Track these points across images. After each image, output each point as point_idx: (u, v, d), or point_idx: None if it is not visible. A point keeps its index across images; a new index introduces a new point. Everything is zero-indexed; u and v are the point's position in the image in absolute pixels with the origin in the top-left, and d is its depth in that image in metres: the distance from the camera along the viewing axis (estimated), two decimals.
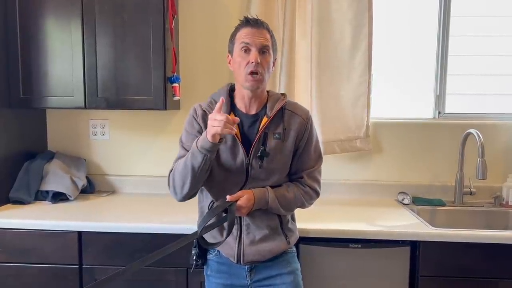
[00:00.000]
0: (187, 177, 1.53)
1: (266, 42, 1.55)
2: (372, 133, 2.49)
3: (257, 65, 1.51)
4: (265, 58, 1.55)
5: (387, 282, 1.94)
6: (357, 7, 2.37)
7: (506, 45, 2.53)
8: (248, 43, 1.53)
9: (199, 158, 1.48)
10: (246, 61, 1.53)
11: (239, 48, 1.55)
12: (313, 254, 1.93)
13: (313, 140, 1.68)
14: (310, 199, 1.69)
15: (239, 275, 1.65)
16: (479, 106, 2.57)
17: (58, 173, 2.37)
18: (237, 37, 1.57)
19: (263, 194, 1.58)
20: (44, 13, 2.21)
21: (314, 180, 1.69)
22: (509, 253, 1.88)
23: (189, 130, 1.64)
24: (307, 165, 1.67)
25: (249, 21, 1.56)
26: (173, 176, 1.59)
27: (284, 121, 1.61)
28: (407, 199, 2.39)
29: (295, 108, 1.66)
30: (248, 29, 1.55)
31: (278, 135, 1.60)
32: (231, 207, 1.53)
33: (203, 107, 1.64)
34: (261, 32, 1.55)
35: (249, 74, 1.53)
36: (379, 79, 2.56)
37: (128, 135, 2.60)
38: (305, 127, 1.64)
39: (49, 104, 2.27)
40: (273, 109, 1.59)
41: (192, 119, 1.64)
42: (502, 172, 2.46)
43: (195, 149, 1.49)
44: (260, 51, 1.53)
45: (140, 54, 2.21)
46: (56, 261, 1.99)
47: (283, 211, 1.63)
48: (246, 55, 1.54)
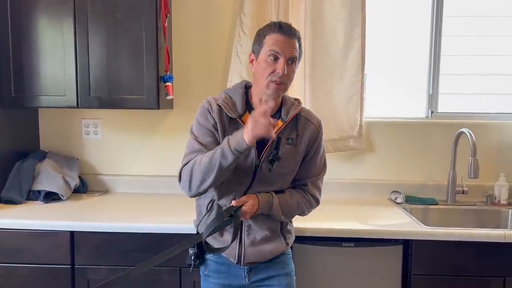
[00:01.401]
0: (209, 175, 1.47)
1: (295, 53, 1.52)
2: (365, 132, 2.50)
3: (283, 76, 1.50)
4: (291, 68, 1.53)
5: (380, 280, 1.94)
6: (350, 7, 2.37)
7: (499, 45, 2.54)
8: (278, 52, 1.49)
9: (229, 158, 1.43)
10: (272, 69, 1.50)
11: (267, 54, 1.51)
12: (307, 253, 1.93)
13: (321, 149, 1.68)
14: (310, 207, 1.69)
15: (238, 276, 1.65)
16: (471, 105, 2.58)
17: (50, 172, 2.35)
18: (266, 40, 1.52)
19: (267, 200, 1.57)
20: (36, 12, 2.20)
21: (317, 189, 1.69)
22: (500, 251, 1.90)
23: (202, 123, 1.58)
24: (312, 173, 1.68)
25: (281, 28, 1.51)
26: (191, 172, 1.51)
27: (298, 127, 1.61)
28: (400, 198, 2.39)
29: (309, 116, 1.66)
30: (280, 36, 1.50)
31: (291, 140, 1.59)
32: (236, 212, 1.52)
33: (219, 102, 1.58)
34: (292, 42, 1.51)
35: (273, 82, 1.51)
36: (372, 79, 2.57)
37: (121, 134, 2.59)
38: (317, 136, 1.65)
39: (41, 103, 2.26)
40: (289, 114, 1.59)
41: (207, 112, 1.58)
42: (494, 171, 2.47)
43: (227, 149, 1.43)
44: (287, 61, 1.50)
45: (132, 53, 2.20)
46: (48, 261, 1.98)
47: (283, 218, 1.63)
48: (273, 62, 1.50)
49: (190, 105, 1.67)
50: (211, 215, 1.62)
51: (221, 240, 1.60)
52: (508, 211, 2.34)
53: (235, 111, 1.57)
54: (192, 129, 1.61)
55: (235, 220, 1.50)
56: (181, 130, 1.65)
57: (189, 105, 1.71)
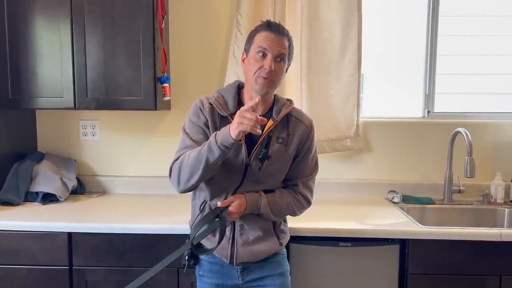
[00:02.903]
0: (196, 170, 1.48)
1: (283, 51, 1.54)
2: (362, 132, 2.51)
3: (270, 72, 1.51)
4: (280, 66, 1.54)
5: (377, 280, 1.95)
6: (347, 7, 2.38)
7: (495, 45, 2.55)
8: (266, 48, 1.52)
9: (216, 153, 1.44)
10: (260, 65, 1.52)
11: (256, 51, 1.53)
12: (303, 253, 1.94)
13: (312, 149, 1.69)
14: (302, 207, 1.70)
15: (231, 275, 1.66)
16: (467, 105, 2.59)
17: (48, 174, 2.36)
18: (256, 39, 1.55)
19: (255, 200, 1.58)
20: (33, 13, 2.20)
21: (308, 189, 1.70)
22: (497, 250, 1.90)
23: (194, 121, 1.61)
24: (303, 173, 1.68)
25: (270, 26, 1.54)
26: (180, 167, 1.52)
27: (289, 127, 1.62)
28: (397, 198, 2.40)
29: (300, 116, 1.66)
30: (268, 33, 1.53)
31: (281, 140, 1.60)
32: (222, 213, 1.54)
33: (211, 100, 1.60)
34: (281, 39, 1.54)
35: (260, 77, 1.52)
36: (369, 79, 2.58)
37: (118, 135, 2.59)
38: (308, 136, 1.65)
39: (38, 104, 2.26)
40: (280, 114, 1.59)
41: (198, 110, 1.60)
42: (490, 170, 2.48)
43: (214, 144, 1.43)
44: (275, 58, 1.52)
45: (130, 54, 2.20)
46: (46, 262, 1.98)
47: (273, 217, 1.64)
48: (261, 59, 1.52)
49: (188, 106, 1.67)
50: (203, 216, 1.62)
51: (213, 240, 1.60)
52: (504, 210, 2.35)
53: (227, 109, 1.59)
54: (185, 127, 1.63)
55: (221, 221, 1.53)
56: (179, 131, 1.65)
57: (187, 106, 1.71)
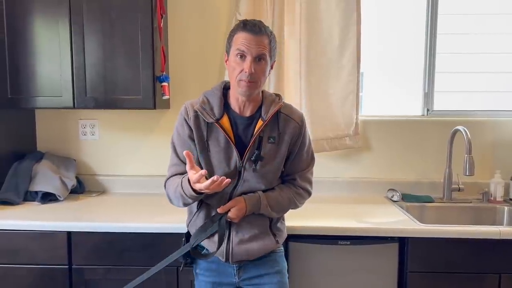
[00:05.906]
0: (180, 202, 1.58)
1: (262, 51, 1.49)
2: (361, 130, 2.51)
3: (251, 75, 1.48)
4: (260, 66, 1.50)
5: (376, 278, 1.95)
6: (346, 7, 2.38)
7: (493, 43, 2.55)
8: (244, 50, 1.48)
9: (189, 200, 1.54)
10: (240, 68, 1.49)
11: (235, 53, 1.50)
12: (302, 252, 1.94)
13: (306, 143, 1.67)
14: (302, 199, 1.70)
15: (227, 274, 1.66)
16: (466, 103, 2.59)
17: (47, 173, 2.36)
18: (234, 40, 1.52)
19: (255, 203, 1.58)
20: (32, 13, 2.20)
21: (306, 181, 1.70)
22: (496, 248, 1.90)
23: (180, 132, 1.61)
24: (300, 168, 1.68)
25: (246, 26, 1.49)
26: (167, 192, 1.62)
27: (279, 125, 1.60)
28: (396, 196, 2.40)
29: (290, 112, 1.63)
30: (245, 34, 1.48)
31: (272, 139, 1.58)
32: (222, 219, 1.56)
33: (195, 107, 1.58)
34: (259, 39, 1.48)
35: (242, 81, 1.50)
36: (368, 78, 2.58)
37: (117, 134, 2.59)
38: (299, 132, 1.63)
39: (37, 104, 2.26)
40: (269, 113, 1.57)
41: (183, 121, 1.59)
42: (490, 169, 2.49)
43: (183, 195, 1.52)
44: (255, 59, 1.48)
45: (128, 53, 2.20)
46: (45, 262, 1.98)
47: (275, 215, 1.64)
48: (241, 61, 1.49)
49: None
50: (200, 215, 1.64)
51: (213, 240, 1.61)
52: (504, 208, 2.35)
53: (212, 115, 1.56)
54: (173, 137, 1.65)
55: (220, 228, 1.55)
56: None
57: None
